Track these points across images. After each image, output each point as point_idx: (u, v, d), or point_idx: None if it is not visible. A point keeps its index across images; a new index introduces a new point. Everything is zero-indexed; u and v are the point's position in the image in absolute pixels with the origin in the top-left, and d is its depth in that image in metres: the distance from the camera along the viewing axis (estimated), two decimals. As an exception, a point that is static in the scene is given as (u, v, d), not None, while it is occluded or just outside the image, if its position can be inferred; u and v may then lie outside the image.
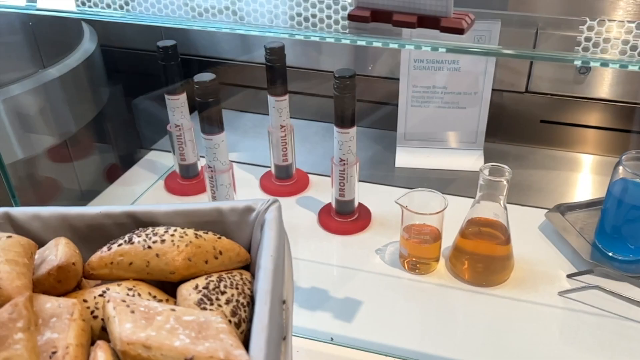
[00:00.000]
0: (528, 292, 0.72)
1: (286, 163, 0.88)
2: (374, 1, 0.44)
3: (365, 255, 0.77)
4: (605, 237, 0.77)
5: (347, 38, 0.60)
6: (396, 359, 0.63)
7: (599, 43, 0.63)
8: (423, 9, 0.43)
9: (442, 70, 0.93)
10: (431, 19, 0.42)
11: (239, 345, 0.34)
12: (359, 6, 0.45)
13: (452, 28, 0.42)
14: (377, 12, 0.44)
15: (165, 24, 0.72)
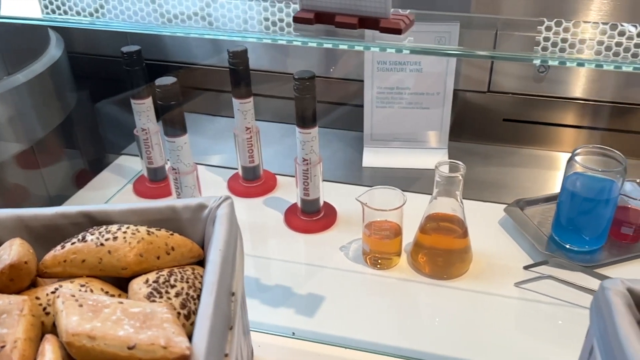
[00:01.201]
0: (486, 283, 0.74)
1: (253, 164, 0.90)
2: (317, 4, 0.46)
3: (330, 252, 0.79)
4: (562, 230, 0.80)
5: (314, 41, 0.62)
6: (356, 351, 0.64)
7: (557, 42, 0.66)
8: (363, 10, 0.45)
9: (405, 71, 0.95)
10: (371, 20, 0.44)
11: (181, 333, 0.36)
12: (303, 9, 0.47)
13: (390, 28, 0.44)
14: (320, 14, 0.46)
15: (136, 30, 0.73)
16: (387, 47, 0.70)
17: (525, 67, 1.01)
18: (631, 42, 0.62)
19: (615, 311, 0.38)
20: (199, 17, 0.71)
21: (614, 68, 0.96)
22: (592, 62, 0.63)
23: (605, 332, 0.38)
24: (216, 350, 0.37)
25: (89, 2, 0.74)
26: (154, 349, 0.34)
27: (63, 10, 0.74)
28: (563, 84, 1.01)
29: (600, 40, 0.65)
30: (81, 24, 0.76)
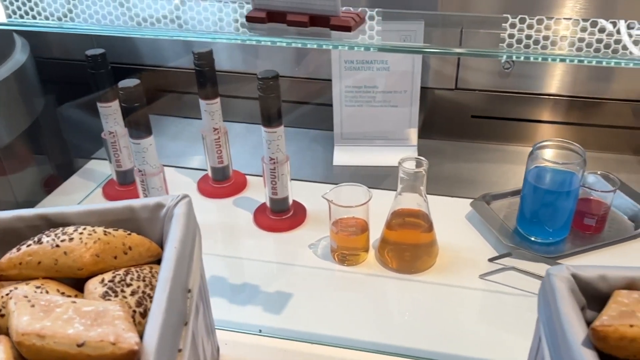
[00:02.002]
0: (452, 276, 0.75)
1: (222, 165, 0.90)
2: (269, 3, 0.46)
3: (298, 250, 0.79)
4: (526, 223, 0.81)
5: (283, 40, 0.62)
6: (324, 346, 0.65)
7: (521, 39, 0.67)
8: (314, 9, 0.45)
9: (372, 70, 0.96)
10: (322, 18, 0.45)
11: (131, 329, 0.36)
12: (256, 8, 0.47)
13: (340, 26, 0.44)
14: (272, 13, 0.47)
15: (107, 33, 0.73)
16: (355, 46, 0.72)
17: (491, 64, 1.03)
18: (593, 38, 0.64)
19: (558, 296, 0.39)
20: (168, 20, 0.72)
21: (577, 62, 0.98)
22: (556, 57, 0.65)
23: (549, 316, 0.40)
24: (169, 346, 0.38)
25: (57, 7, 0.74)
26: (103, 345, 0.34)
27: (32, 15, 0.74)
28: (528, 80, 1.03)
29: (563, 35, 0.66)
30: (49, 27, 0.76)
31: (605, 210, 0.81)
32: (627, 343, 0.35)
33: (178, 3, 0.73)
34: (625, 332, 0.35)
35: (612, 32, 0.64)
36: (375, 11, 0.72)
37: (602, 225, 0.82)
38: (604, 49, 0.63)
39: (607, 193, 0.81)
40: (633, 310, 0.38)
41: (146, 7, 0.75)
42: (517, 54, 0.68)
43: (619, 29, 0.63)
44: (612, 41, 0.63)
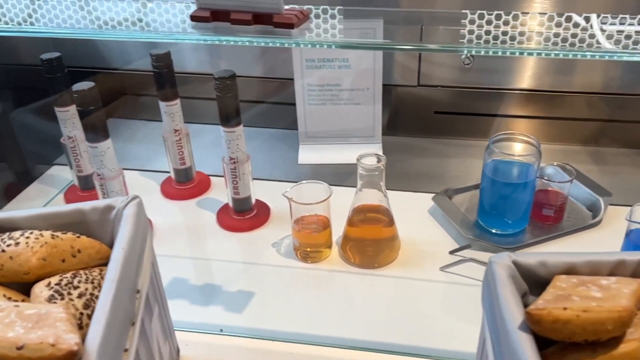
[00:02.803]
0: (414, 269, 0.76)
1: (184, 166, 0.90)
2: (213, 2, 0.47)
3: (261, 249, 0.79)
4: (486, 215, 0.82)
5: (245, 39, 0.62)
6: (285, 342, 0.65)
7: (481, 35, 0.69)
8: (257, 7, 0.46)
9: (334, 68, 0.97)
10: (265, 16, 0.45)
11: (73, 331, 0.36)
12: (200, 7, 0.47)
13: (283, 23, 0.45)
14: (216, 12, 0.47)
15: (71, 35, 0.73)
16: (316, 44, 0.72)
17: (452, 60, 1.04)
18: (551, 32, 0.66)
19: (498, 282, 0.40)
20: (129, 23, 0.71)
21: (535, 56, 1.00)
22: (515, 50, 0.67)
23: (491, 302, 0.41)
24: (114, 346, 0.38)
25: (17, 12, 0.74)
26: (43, 347, 0.34)
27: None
28: (488, 75, 1.05)
29: (521, 31, 0.68)
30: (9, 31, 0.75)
31: (563, 201, 0.83)
32: (560, 325, 0.36)
33: (139, 6, 0.73)
34: (559, 315, 0.36)
35: (569, 27, 0.65)
36: (336, 9, 0.73)
37: (561, 215, 0.84)
38: (562, 42, 0.65)
39: (564, 183, 0.83)
40: (569, 293, 0.39)
41: (107, 10, 0.74)
42: (477, 48, 0.69)
43: (591, 24, 0.65)
44: (569, 35, 0.65)
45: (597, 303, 0.37)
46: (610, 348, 0.37)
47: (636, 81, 0.98)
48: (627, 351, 0.37)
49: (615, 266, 0.42)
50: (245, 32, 0.53)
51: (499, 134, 0.79)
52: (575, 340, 0.37)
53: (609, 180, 0.92)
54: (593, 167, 0.98)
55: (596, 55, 0.72)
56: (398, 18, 0.99)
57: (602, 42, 0.63)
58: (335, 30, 0.71)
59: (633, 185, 0.94)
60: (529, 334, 0.36)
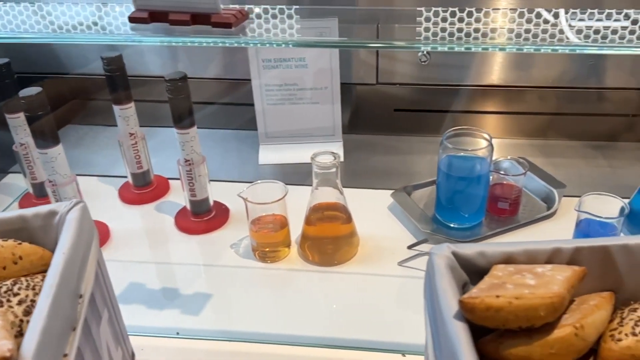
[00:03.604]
0: (373, 265, 0.77)
1: (142, 170, 0.89)
2: (151, 3, 0.46)
3: (220, 251, 0.79)
4: (443, 210, 0.84)
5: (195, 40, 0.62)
6: (243, 342, 0.65)
7: (437, 32, 0.70)
8: (195, 7, 0.46)
9: (291, 67, 0.97)
10: (203, 16, 0.45)
11: (6, 337, 0.35)
12: (138, 9, 0.47)
13: (221, 23, 0.45)
14: (154, 13, 0.47)
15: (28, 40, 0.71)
16: (268, 43, 0.72)
17: (409, 57, 1.05)
18: (504, 28, 0.67)
19: (436, 272, 0.41)
20: (84, 27, 0.71)
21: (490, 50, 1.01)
22: (471, 45, 0.68)
23: (430, 292, 0.41)
24: (51, 351, 0.37)
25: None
26: (-26, 355, 0.34)
27: None
28: (446, 72, 1.06)
29: (476, 28, 0.69)
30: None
31: (518, 194, 0.85)
32: (493, 313, 0.37)
33: (94, 9, 0.72)
34: (491, 303, 0.37)
35: (537, 22, 0.67)
36: (293, 9, 0.73)
37: (516, 207, 0.86)
38: (516, 37, 0.66)
39: (518, 177, 0.85)
40: (504, 282, 0.40)
41: (61, 14, 0.73)
42: (434, 45, 0.70)
43: (559, 19, 0.66)
44: (523, 30, 0.66)
45: (530, 290, 0.38)
46: (545, 334, 0.38)
47: (586, 75, 1.01)
48: (562, 336, 0.38)
49: (551, 254, 0.43)
50: (205, 32, 0.53)
51: (452, 130, 0.80)
52: (509, 327, 0.38)
53: (563, 172, 0.94)
54: (548, 159, 1.00)
55: (559, 50, 0.74)
56: (354, 16, 1.00)
57: (570, 37, 0.64)
58: (293, 30, 0.72)
59: (586, 176, 0.96)
60: (464, 322, 0.37)
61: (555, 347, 0.38)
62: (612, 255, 0.44)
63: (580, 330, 0.39)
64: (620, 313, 0.43)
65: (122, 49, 1.03)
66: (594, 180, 0.94)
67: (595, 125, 1.05)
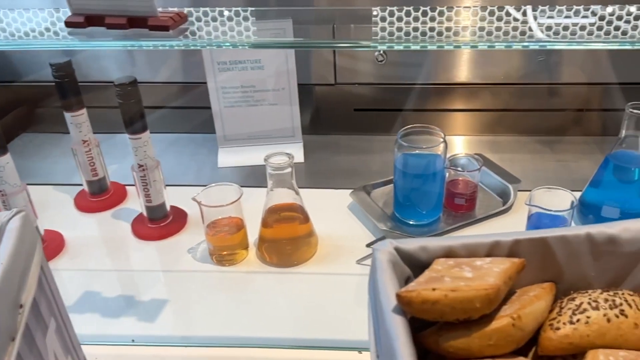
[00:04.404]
0: (332, 265, 0.77)
1: (97, 178, 0.88)
2: (87, 7, 0.46)
3: (177, 256, 0.79)
4: (401, 207, 0.84)
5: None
6: (201, 347, 0.65)
7: (393, 32, 0.70)
8: (131, 10, 0.45)
9: (247, 69, 0.97)
10: (140, 19, 0.45)
11: None
12: (74, 13, 0.46)
13: (158, 26, 0.44)
14: (90, 17, 0.46)
15: None
16: (223, 44, 0.72)
17: (366, 57, 1.06)
18: (459, 26, 0.68)
19: (378, 268, 0.41)
20: (36, 33, 0.69)
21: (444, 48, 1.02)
22: (426, 44, 0.69)
23: (373, 287, 0.42)
24: (-15, 364, 0.36)
25: None
26: None
27: None
28: (403, 70, 1.07)
29: (431, 26, 0.70)
30: None
31: (474, 189, 0.86)
32: (430, 306, 0.37)
33: (46, 15, 0.71)
34: (427, 296, 0.37)
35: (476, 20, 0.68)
36: (249, 11, 0.73)
37: (473, 203, 0.87)
38: (472, 35, 0.68)
39: (473, 172, 0.86)
40: (443, 275, 0.40)
41: (12, 21, 0.72)
42: (390, 44, 0.71)
43: (526, 16, 0.67)
44: (478, 28, 0.67)
45: (466, 282, 0.38)
46: (483, 325, 0.39)
47: (537, 71, 1.03)
48: (499, 327, 0.39)
49: (491, 247, 0.44)
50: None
51: (406, 128, 0.81)
52: (447, 319, 0.38)
53: (519, 168, 0.96)
54: (504, 155, 1.02)
55: (513, 46, 0.75)
56: (310, 17, 1.00)
57: (536, 33, 0.65)
58: (250, 32, 0.71)
59: (541, 171, 0.98)
60: (402, 316, 0.37)
61: (493, 338, 0.39)
62: (550, 247, 0.45)
63: (517, 320, 0.39)
64: (560, 303, 0.44)
65: (76, 54, 1.02)
66: (549, 175, 0.97)
67: (549, 120, 1.07)
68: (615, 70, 1.01)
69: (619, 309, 0.42)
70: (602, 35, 0.63)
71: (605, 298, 0.43)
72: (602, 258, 0.45)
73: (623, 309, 0.42)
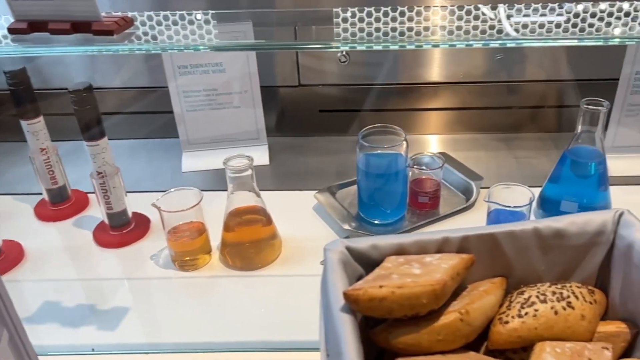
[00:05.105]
0: (296, 266, 0.77)
1: (57, 186, 0.86)
2: (30, 13, 0.45)
3: (139, 263, 0.78)
4: (365, 207, 0.85)
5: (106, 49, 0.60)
6: (161, 353, 0.64)
7: (355, 32, 0.70)
8: (75, 15, 0.45)
9: (208, 73, 0.96)
10: (84, 24, 0.44)
11: None
12: (17, 19, 0.46)
13: (103, 31, 0.44)
14: (34, 23, 0.45)
15: None
16: (184, 48, 0.71)
17: (328, 58, 1.06)
18: (421, 26, 0.68)
19: (328, 267, 0.41)
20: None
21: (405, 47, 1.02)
22: (389, 44, 0.69)
23: (323, 285, 0.42)
24: None
25: None
26: None
27: None
28: (366, 71, 1.08)
29: (393, 27, 0.70)
30: None
31: (437, 187, 0.87)
32: (377, 303, 0.38)
33: (2, 22, 0.70)
34: (374, 294, 0.38)
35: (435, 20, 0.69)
36: (210, 14, 0.73)
37: (436, 201, 0.88)
38: (424, 33, 0.68)
39: (435, 170, 0.87)
40: (391, 272, 0.40)
41: None
42: (352, 44, 0.71)
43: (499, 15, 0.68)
44: (439, 27, 0.68)
45: (413, 279, 0.39)
46: (432, 321, 0.39)
47: (498, 69, 1.04)
48: (447, 322, 0.39)
49: (441, 244, 0.45)
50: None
51: (367, 128, 0.81)
52: (395, 316, 0.39)
53: (483, 165, 0.98)
54: (468, 153, 1.04)
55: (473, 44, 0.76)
56: (271, 19, 1.00)
57: (509, 31, 0.66)
58: (212, 35, 0.71)
59: (504, 167, 0.99)
60: (350, 315, 0.38)
61: (442, 334, 0.39)
62: (499, 242, 0.45)
63: (465, 315, 0.40)
64: (510, 297, 0.45)
65: (34, 61, 1.00)
66: (511, 171, 0.98)
67: (510, 118, 1.09)
68: (571, 67, 1.03)
69: (566, 301, 0.43)
70: (576, 32, 0.64)
71: (553, 291, 0.44)
72: (550, 252, 0.46)
73: (570, 301, 0.43)
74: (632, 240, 0.43)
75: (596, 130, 0.76)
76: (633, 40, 0.69)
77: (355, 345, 0.35)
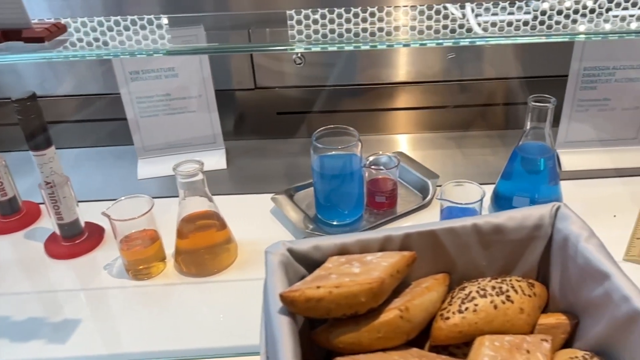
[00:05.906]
0: (252, 270, 0.76)
1: (6, 197, 0.84)
2: (-43, 20, 0.44)
3: (92, 274, 0.76)
4: (322, 209, 0.85)
5: None
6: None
7: (310, 34, 0.70)
8: (4, 23, 0.44)
9: (161, 78, 0.95)
10: (14, 32, 0.43)
11: None
12: (-54, 27, 0.44)
13: (33, 38, 0.43)
14: (-39, 30, 0.44)
15: None
16: (137, 53, 0.70)
17: (284, 60, 1.06)
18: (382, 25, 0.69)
19: (269, 270, 0.41)
20: None
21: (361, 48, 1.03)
22: (343, 44, 0.69)
23: (264, 289, 0.42)
24: None
25: None
26: None
27: None
28: (322, 72, 1.08)
29: (347, 28, 0.70)
30: None
31: (393, 186, 0.88)
32: (314, 304, 0.38)
33: None
34: (311, 295, 0.38)
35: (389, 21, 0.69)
36: (162, 19, 0.72)
37: (394, 200, 0.88)
38: (378, 34, 0.68)
39: (390, 170, 0.87)
40: (331, 273, 0.40)
41: None
42: (307, 46, 0.71)
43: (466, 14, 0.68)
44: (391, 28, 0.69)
45: (351, 278, 0.39)
46: (372, 319, 0.40)
47: (451, 68, 1.06)
48: (387, 320, 0.40)
49: (383, 242, 0.45)
50: (37, 48, 0.50)
51: (320, 130, 0.81)
52: (335, 315, 0.39)
53: (440, 163, 0.99)
54: (425, 152, 1.05)
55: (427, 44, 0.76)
56: (225, 22, 0.99)
57: (475, 29, 0.67)
58: (165, 39, 0.70)
59: (460, 165, 1.01)
60: (288, 317, 0.38)
61: (382, 331, 0.39)
62: (439, 239, 0.46)
63: (405, 312, 0.40)
64: (452, 293, 0.45)
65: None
66: (467, 169, 0.99)
67: (465, 116, 1.10)
68: (522, 65, 1.05)
69: (506, 295, 0.44)
70: (544, 29, 0.65)
71: (493, 286, 0.44)
72: (490, 247, 0.47)
73: (509, 295, 0.44)
74: (567, 233, 0.44)
75: (545, 127, 0.77)
76: (599, 36, 0.71)
77: (292, 347, 0.35)
